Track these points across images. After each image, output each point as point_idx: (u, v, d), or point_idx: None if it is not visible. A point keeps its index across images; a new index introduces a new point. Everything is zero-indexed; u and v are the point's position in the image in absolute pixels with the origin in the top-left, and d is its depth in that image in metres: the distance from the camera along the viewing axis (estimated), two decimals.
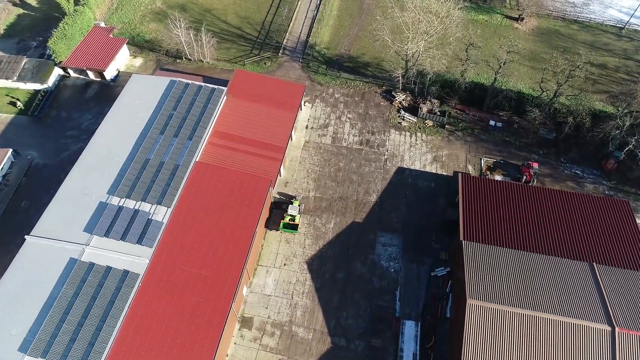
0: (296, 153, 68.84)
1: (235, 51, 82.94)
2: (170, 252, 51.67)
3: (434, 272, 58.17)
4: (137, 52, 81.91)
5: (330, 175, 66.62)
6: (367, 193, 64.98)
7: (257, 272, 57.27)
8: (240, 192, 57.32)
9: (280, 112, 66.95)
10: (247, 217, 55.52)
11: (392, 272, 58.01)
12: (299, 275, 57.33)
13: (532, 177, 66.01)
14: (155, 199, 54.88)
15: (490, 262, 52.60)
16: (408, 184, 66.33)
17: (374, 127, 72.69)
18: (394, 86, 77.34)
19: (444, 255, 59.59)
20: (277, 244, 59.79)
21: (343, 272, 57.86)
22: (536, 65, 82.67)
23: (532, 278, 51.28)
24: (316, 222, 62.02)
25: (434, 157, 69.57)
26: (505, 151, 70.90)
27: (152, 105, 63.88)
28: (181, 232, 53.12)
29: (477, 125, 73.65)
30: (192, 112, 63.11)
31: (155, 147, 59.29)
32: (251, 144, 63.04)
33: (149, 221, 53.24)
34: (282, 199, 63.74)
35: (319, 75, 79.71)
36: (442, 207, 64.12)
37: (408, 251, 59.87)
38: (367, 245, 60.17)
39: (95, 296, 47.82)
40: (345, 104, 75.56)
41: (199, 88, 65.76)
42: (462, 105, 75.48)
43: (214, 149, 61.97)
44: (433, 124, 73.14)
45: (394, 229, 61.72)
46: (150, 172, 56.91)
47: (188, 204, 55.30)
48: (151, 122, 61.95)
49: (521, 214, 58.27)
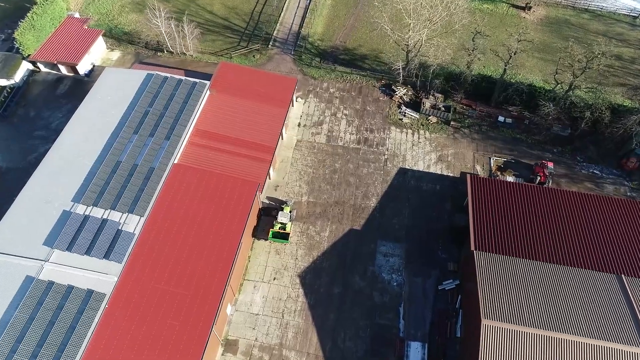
0: (287, 153, 62.57)
1: (221, 43, 76.57)
2: (143, 268, 45.32)
3: (442, 285, 52.10)
4: (114, 44, 75.43)
5: (325, 178, 60.40)
6: (365, 197, 58.80)
7: (243, 288, 50.99)
8: (224, 197, 51.07)
9: (270, 109, 60.72)
10: (232, 225, 49.29)
11: (395, 286, 51.86)
12: (291, 291, 51.10)
13: (547, 177, 60.00)
14: (126, 207, 48.50)
15: (506, 276, 46.71)
16: (411, 186, 60.19)
17: (372, 125, 66.50)
18: (393, 80, 71.13)
19: (452, 266, 53.50)
20: (265, 256, 53.51)
21: (340, 286, 51.67)
22: (546, 57, 76.82)
23: (553, 293, 45.52)
24: (309, 230, 55.78)
25: (438, 156, 63.44)
26: (516, 149, 64.88)
27: (126, 102, 57.44)
28: (155, 244, 46.77)
29: (484, 122, 67.61)
30: (171, 109, 56.73)
31: (128, 148, 52.88)
32: (237, 143, 56.79)
33: (119, 232, 46.84)
34: (272, 205, 57.45)
35: (313, 68, 73.46)
36: (448, 211, 58.02)
37: (412, 262, 53.74)
38: (367, 255, 53.99)
39: (54, 321, 41.38)
40: (341, 100, 69.36)
41: (178, 82, 59.41)
42: (468, 99, 69.39)
43: (195, 149, 55.64)
44: (437, 120, 67.05)
45: (396, 237, 55.57)
46: (121, 176, 50.50)
47: (164, 212, 48.96)
48: (124, 120, 55.52)
49: (538, 220, 52.30)
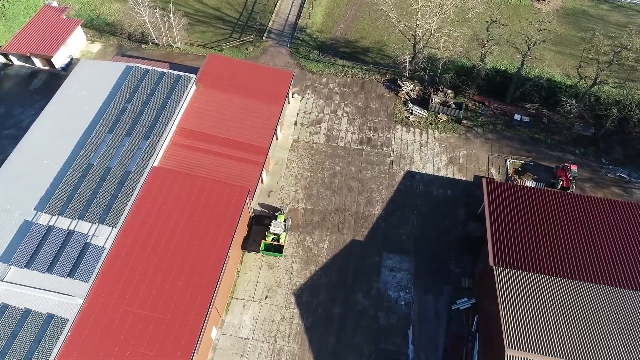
0: (282, 155, 56.57)
1: (211, 35, 70.55)
2: (113, 287, 39.30)
3: (456, 304, 46.13)
4: (95, 36, 69.42)
5: (324, 182, 54.41)
6: (369, 204, 52.80)
7: (230, 308, 44.99)
8: (209, 205, 45.08)
9: (263, 105, 54.73)
10: (218, 237, 43.33)
11: (403, 306, 45.89)
12: (285, 311, 45.09)
13: (570, 182, 53.98)
14: (96, 216, 42.50)
15: (531, 296, 40.79)
16: (419, 191, 54.19)
17: (376, 123, 60.49)
18: (399, 74, 65.11)
19: (467, 282, 47.53)
20: (256, 270, 47.52)
21: (340, 306, 45.67)
22: (563, 50, 70.87)
23: (586, 317, 39.58)
24: (306, 241, 49.79)
25: (449, 158, 57.44)
26: (535, 150, 58.87)
27: (102, 97, 51.44)
28: (129, 260, 40.74)
29: (499, 120, 61.60)
30: (151, 105, 50.72)
31: (101, 149, 46.87)
32: (225, 144, 50.81)
33: (87, 246, 40.83)
34: (264, 213, 51.45)
35: (311, 62, 67.45)
36: (462, 220, 52.02)
37: (422, 278, 47.75)
38: (371, 270, 48.01)
39: (5, 352, 35.40)
40: (342, 96, 63.35)
41: (160, 75, 53.40)
42: (481, 96, 63.40)
43: (178, 150, 49.66)
44: (447, 118, 61.05)
45: (403, 249, 49.58)
46: (92, 181, 44.50)
47: (140, 223, 42.94)
48: (98, 118, 49.50)
49: (563, 230, 46.32)
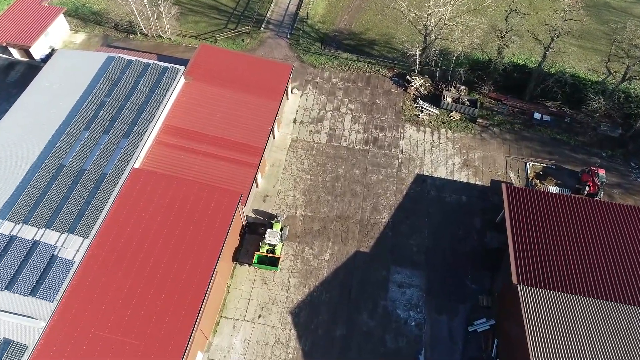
0: (280, 155, 51.43)
1: (205, 25, 65.38)
2: (82, 308, 34.19)
3: (473, 326, 40.98)
4: (79, 25, 64.24)
5: (326, 186, 49.26)
6: (375, 211, 47.64)
7: (219, 328, 39.86)
8: (196, 211, 39.97)
9: (259, 101, 49.65)
10: (205, 248, 38.21)
11: (413, 327, 40.72)
12: (280, 333, 39.97)
13: (598, 188, 48.78)
14: (66, 225, 37.38)
15: (561, 319, 35.59)
16: (431, 197, 49.01)
17: (383, 121, 55.31)
18: (408, 68, 59.88)
19: (485, 300, 42.35)
20: (249, 285, 42.39)
21: (343, 327, 40.52)
22: (585, 44, 65.67)
23: (624, 344, 34.32)
24: (305, 252, 44.67)
25: (463, 160, 52.23)
26: (557, 153, 53.64)
27: (79, 90, 46.31)
28: (101, 275, 35.64)
29: (517, 119, 56.35)
30: (134, 100, 45.57)
31: (75, 148, 41.74)
32: (216, 143, 45.73)
33: (54, 259, 35.72)
34: (259, 220, 46.34)
35: (312, 55, 62.26)
36: (478, 229, 46.85)
37: (434, 295, 42.59)
38: (377, 285, 42.85)
39: None
40: (346, 91, 58.16)
41: (145, 67, 48.25)
42: (498, 92, 58.17)
43: (163, 150, 44.56)
44: (460, 116, 55.82)
45: (413, 262, 44.43)
46: (63, 184, 39.38)
47: (116, 233, 37.80)
48: (74, 113, 44.38)
49: (595, 243, 41.10)
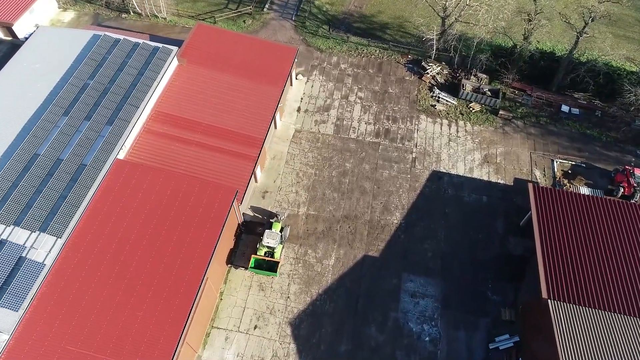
0: (281, 147, 46.85)
1: (203, 5, 60.56)
2: (52, 319, 29.97)
3: (494, 342, 36.51)
4: (68, 3, 59.58)
5: (332, 183, 44.69)
6: (386, 210, 43.06)
7: (209, 340, 35.62)
8: (186, 209, 35.57)
9: (260, 87, 45.03)
10: (195, 250, 33.87)
11: (427, 343, 36.31)
12: (278, 347, 35.68)
13: (634, 189, 44.02)
14: (37, 222, 33.09)
15: (598, 341, 31.07)
16: (448, 197, 44.35)
17: (396, 112, 50.52)
18: (424, 54, 54.90)
19: (507, 314, 37.80)
20: (244, 292, 38.06)
21: (348, 341, 36.16)
22: (617, 31, 60.57)
23: None
24: (308, 255, 40.22)
25: (484, 156, 47.45)
26: (587, 149, 48.74)
27: (60, 71, 41.79)
28: (76, 281, 31.37)
29: (543, 112, 51.39)
30: (120, 83, 41.00)
31: (52, 135, 37.33)
32: (211, 133, 41.23)
33: (21, 262, 31.46)
34: (256, 219, 41.92)
35: (319, 38, 57.36)
36: (500, 234, 42.20)
37: (451, 306, 38.09)
38: (387, 295, 38.39)
39: None
40: (355, 78, 53.32)
41: (134, 46, 43.62)
42: (522, 82, 53.16)
43: (152, 140, 40.10)
44: (481, 108, 50.93)
45: (428, 269, 39.90)
46: (37, 175, 35.02)
47: (94, 232, 33.48)
48: (53, 96, 39.90)
49: (634, 253, 36.44)
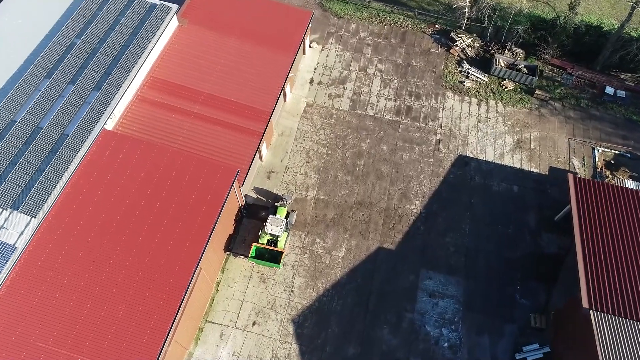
0: (290, 123, 42.25)
1: None
2: (21, 312, 26.33)
3: (521, 353, 32.44)
4: None
5: (345, 164, 40.18)
6: (405, 198, 38.59)
7: (203, 335, 31.99)
8: (180, 188, 31.46)
9: (269, 54, 40.21)
10: (189, 235, 29.89)
11: (446, 349, 32.34)
12: (279, 346, 31.97)
13: None
14: (9, 199, 29.15)
15: None
16: (475, 185, 39.68)
17: (419, 87, 45.46)
18: (453, 24, 49.34)
19: (537, 320, 33.58)
20: (243, 283, 34.20)
21: (357, 344, 32.30)
22: None
23: None
24: (315, 245, 36.10)
25: (516, 141, 42.48)
26: (633, 138, 43.51)
27: (44, 28, 37.14)
28: (51, 267, 27.60)
29: (585, 93, 45.94)
30: (111, 43, 36.36)
31: (31, 100, 33.05)
32: (213, 104, 36.73)
33: None
34: (260, 202, 37.73)
35: (337, 2, 51.92)
36: (532, 229, 37.62)
37: (474, 309, 33.94)
38: (403, 293, 34.30)
39: None
40: (376, 49, 48.10)
41: (128, 2, 38.74)
42: (563, 59, 47.58)
43: (145, 109, 35.72)
44: (515, 86, 45.66)
45: (449, 266, 35.61)
46: (11, 145, 30.93)
47: (74, 212, 29.54)
48: (35, 57, 35.45)
49: None
